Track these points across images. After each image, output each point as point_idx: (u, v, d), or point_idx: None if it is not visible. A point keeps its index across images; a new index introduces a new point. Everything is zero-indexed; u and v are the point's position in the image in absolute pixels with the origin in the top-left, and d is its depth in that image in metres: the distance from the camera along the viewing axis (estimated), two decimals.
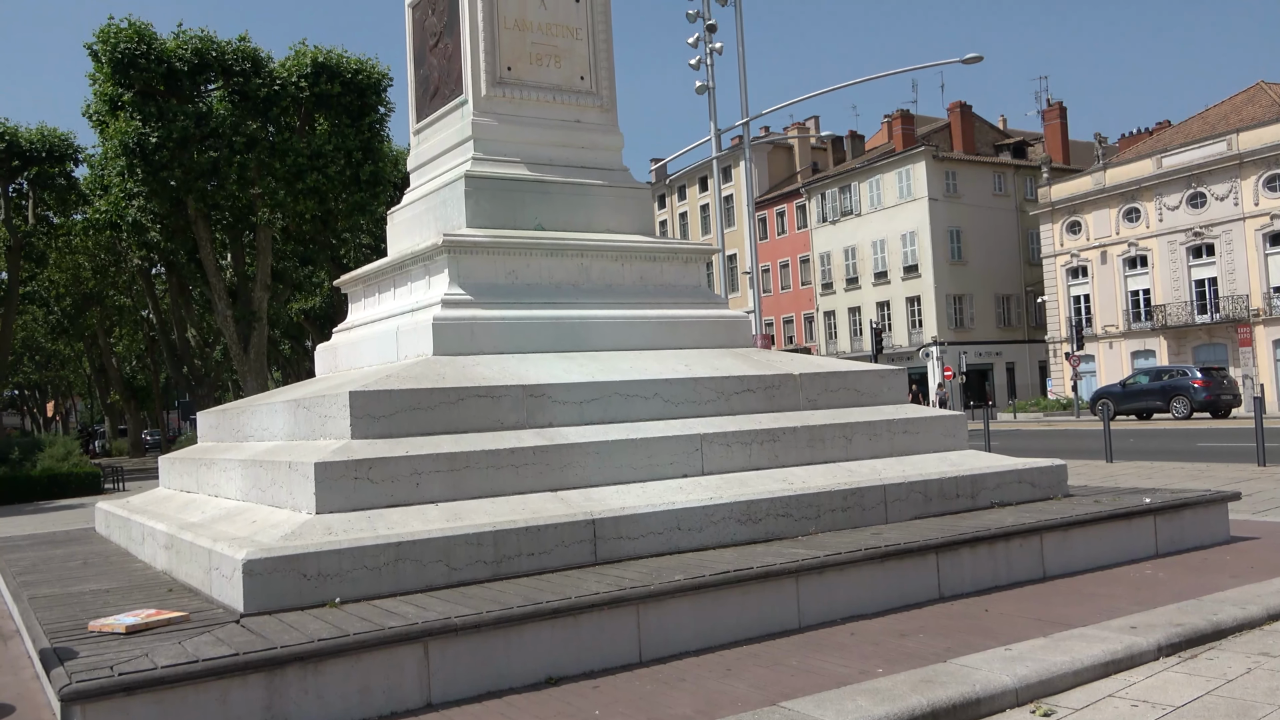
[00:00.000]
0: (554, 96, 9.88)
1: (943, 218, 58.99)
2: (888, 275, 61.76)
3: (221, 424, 10.13)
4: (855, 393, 9.31)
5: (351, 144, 31.07)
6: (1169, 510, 8.38)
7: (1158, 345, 49.99)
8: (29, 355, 65.51)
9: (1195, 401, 36.13)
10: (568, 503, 6.98)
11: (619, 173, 10.20)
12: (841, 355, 62.84)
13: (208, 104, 30.14)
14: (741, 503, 7.24)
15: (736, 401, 8.55)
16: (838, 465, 8.31)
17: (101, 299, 49.67)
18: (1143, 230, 50.24)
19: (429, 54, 10.34)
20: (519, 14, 9.72)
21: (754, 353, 9.83)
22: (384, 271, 10.00)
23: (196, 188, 29.98)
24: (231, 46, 30.19)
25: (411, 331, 8.75)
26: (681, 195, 76.69)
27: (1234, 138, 46.54)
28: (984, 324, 60.91)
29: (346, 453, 6.66)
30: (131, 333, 58.26)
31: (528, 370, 8.05)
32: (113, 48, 28.40)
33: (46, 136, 35.15)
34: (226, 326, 32.58)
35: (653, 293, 9.76)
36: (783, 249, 69.93)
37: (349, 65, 31.30)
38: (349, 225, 34.50)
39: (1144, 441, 24.27)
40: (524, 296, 9.02)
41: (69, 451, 28.32)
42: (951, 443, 9.19)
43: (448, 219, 9.36)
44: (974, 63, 27.66)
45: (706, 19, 28.45)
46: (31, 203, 36.98)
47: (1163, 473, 15.41)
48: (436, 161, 10.11)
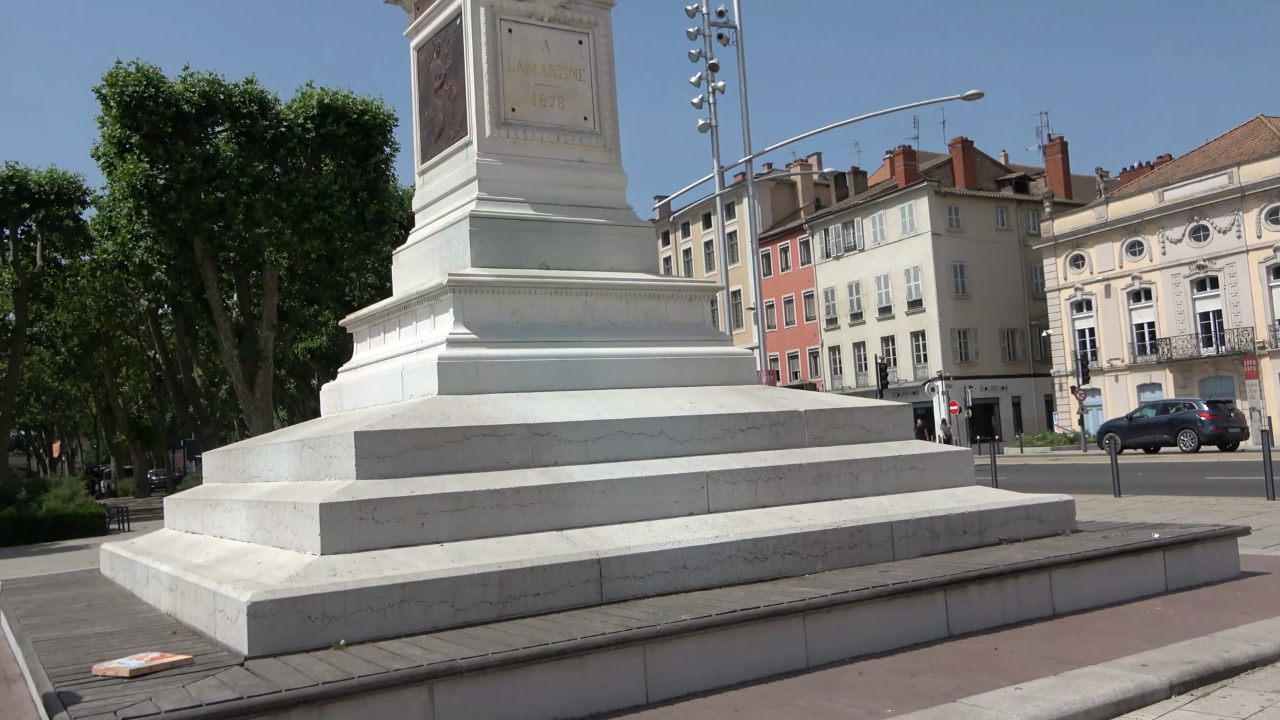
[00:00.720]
0: (558, 137, 9.96)
1: (946, 252, 59.14)
2: (892, 310, 61.82)
3: (227, 464, 10.13)
4: (861, 429, 9.29)
5: (357, 184, 31.29)
6: (1178, 546, 8.33)
7: (1164, 378, 49.88)
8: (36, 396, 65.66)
9: (1203, 434, 35.98)
10: (573, 542, 6.96)
11: (622, 211, 10.25)
12: (847, 391, 62.78)
13: (215, 145, 30.41)
14: (748, 541, 7.21)
15: (742, 439, 8.54)
16: (844, 502, 8.28)
17: (108, 339, 49.87)
18: (1146, 263, 50.31)
19: (434, 96, 10.44)
20: (523, 56, 9.82)
21: (759, 389, 9.83)
22: (389, 311, 10.04)
23: (203, 228, 30.18)
24: (239, 89, 30.50)
25: (417, 371, 8.77)
26: (685, 232, 77.02)
27: (1235, 171, 46.71)
28: (989, 358, 60.87)
29: (351, 493, 6.66)
30: (138, 372, 58.43)
31: (533, 409, 8.06)
32: (121, 91, 28.70)
33: (56, 179, 35.48)
34: (232, 366, 32.67)
35: (657, 330, 9.78)
36: (787, 285, 70.08)
37: (355, 106, 31.59)
38: (354, 264, 34.67)
39: (1152, 475, 24.15)
40: (529, 335, 9.04)
41: (74, 492, 28.30)
42: (958, 479, 9.15)
43: (453, 258, 9.41)
44: (974, 99, 27.84)
45: (709, 59, 28.71)
46: (40, 244, 37.23)
47: (1171, 507, 15.32)
48: (441, 202, 10.17)
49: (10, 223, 36.12)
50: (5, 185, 34.60)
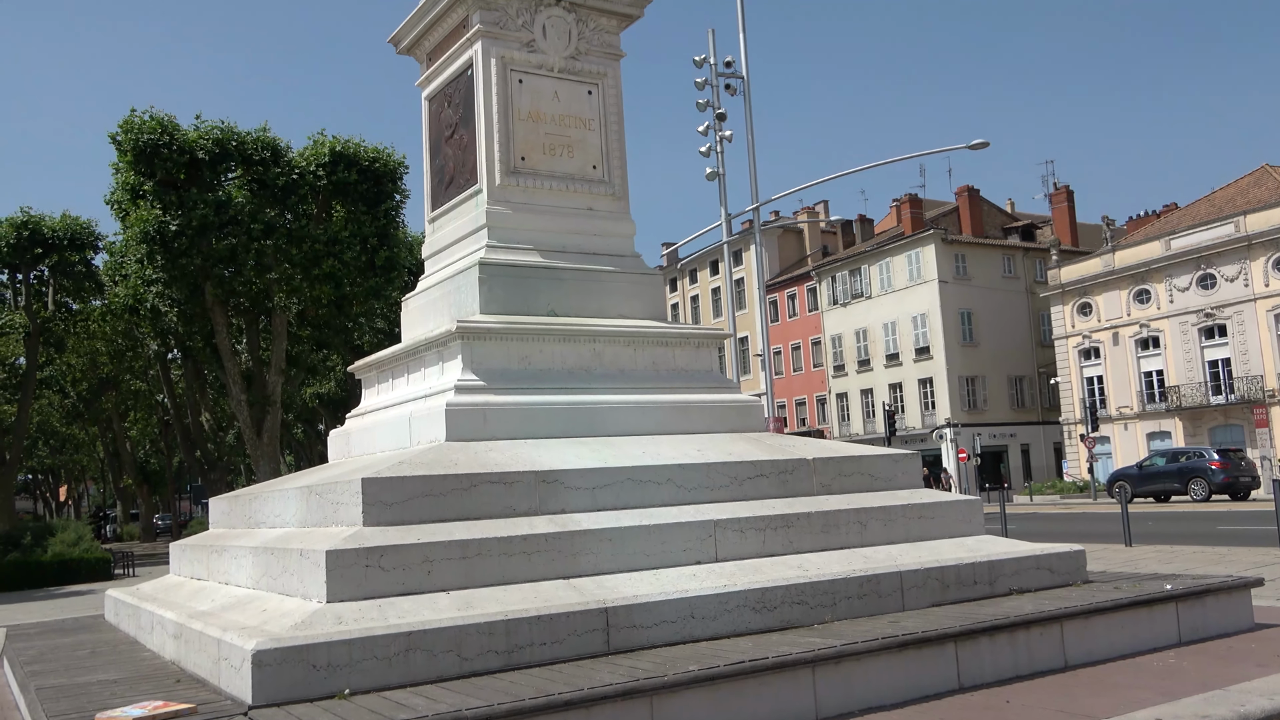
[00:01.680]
0: (567, 185, 10.04)
1: (953, 300, 59.22)
2: (899, 357, 61.80)
3: (233, 510, 10.11)
4: (869, 477, 9.26)
5: (367, 230, 31.54)
6: (1191, 597, 8.24)
7: (1173, 426, 49.66)
8: (44, 439, 65.76)
9: (1213, 483, 35.73)
10: (580, 591, 6.92)
11: (631, 259, 10.30)
12: (854, 437, 62.59)
13: (227, 192, 30.71)
14: (756, 590, 7.16)
15: (750, 487, 8.51)
16: (853, 551, 8.22)
17: (117, 383, 50.02)
18: (1154, 311, 50.30)
19: (445, 144, 10.56)
20: (533, 106, 9.94)
21: (767, 437, 9.81)
22: (398, 357, 10.07)
23: (214, 274, 30.39)
24: (252, 136, 30.86)
25: (425, 417, 8.78)
26: (693, 279, 77.30)
27: (1241, 220, 46.85)
28: (997, 405, 60.70)
29: (358, 540, 6.64)
30: (146, 417, 58.54)
31: (540, 456, 8.05)
32: (136, 138, 29.04)
33: (69, 224, 35.82)
34: (240, 411, 32.72)
35: (665, 378, 9.78)
36: (794, 331, 70.16)
37: (366, 154, 31.93)
38: (364, 310, 34.84)
39: (1163, 525, 23.96)
40: (537, 382, 9.06)
41: (80, 536, 28.26)
42: (968, 528, 9.09)
43: (462, 305, 9.45)
44: (980, 148, 28.02)
45: (716, 108, 28.99)
46: (52, 289, 37.50)
47: (1183, 557, 15.18)
48: (451, 249, 10.24)
49: (24, 268, 36.42)
50: (20, 231, 34.94)
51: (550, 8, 10.08)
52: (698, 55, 29.01)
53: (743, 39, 29.33)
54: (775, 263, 72.23)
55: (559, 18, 10.12)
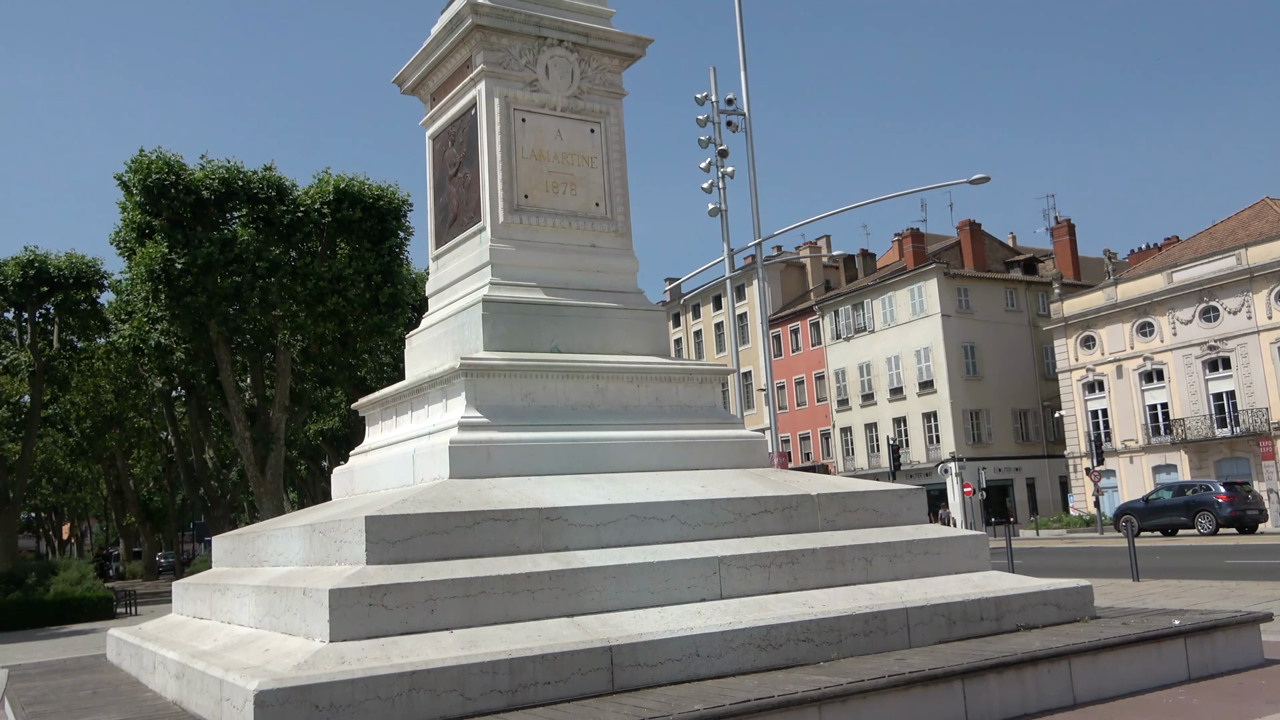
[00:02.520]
0: (570, 222, 10.10)
1: (956, 333, 59.24)
2: (903, 391, 61.73)
3: (237, 548, 10.09)
4: (874, 513, 9.22)
5: (371, 267, 31.66)
6: (1200, 632, 8.18)
7: (1179, 459, 49.48)
8: (47, 478, 65.68)
9: (1220, 517, 35.54)
10: (584, 629, 6.88)
11: (634, 295, 10.34)
12: (859, 472, 62.38)
13: (232, 230, 30.87)
14: (761, 628, 7.11)
15: (754, 523, 8.48)
16: (858, 588, 8.18)
17: (121, 421, 50.02)
18: (1157, 344, 50.28)
19: (449, 183, 10.63)
20: (536, 145, 10.02)
21: (771, 473, 9.79)
22: (401, 395, 10.08)
23: (219, 311, 30.49)
24: (257, 175, 31.07)
25: (428, 454, 8.77)
26: (696, 314, 77.44)
27: (1243, 252, 46.94)
28: (1002, 439, 60.54)
29: (361, 579, 6.61)
30: (150, 454, 58.49)
31: (544, 493, 8.03)
32: (143, 178, 29.25)
33: (75, 263, 36.00)
34: (244, 448, 32.69)
35: (669, 413, 9.78)
36: (798, 366, 70.16)
37: (370, 191, 32.11)
38: (368, 346, 34.90)
39: (1170, 559, 23.81)
40: (540, 418, 9.06)
41: (83, 575, 28.16)
42: (974, 563, 9.05)
43: (465, 342, 9.48)
44: (981, 183, 28.15)
45: (718, 145, 29.18)
46: (57, 327, 37.62)
47: (1191, 592, 15.07)
48: (454, 286, 10.28)
49: (29, 306, 36.56)
50: (25, 269, 35.11)
51: (553, 48, 10.19)
52: (699, 93, 29.24)
53: (744, 76, 29.57)
54: (778, 297, 72.37)
55: (562, 58, 10.23)
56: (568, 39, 10.24)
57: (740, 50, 29.88)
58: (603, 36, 10.44)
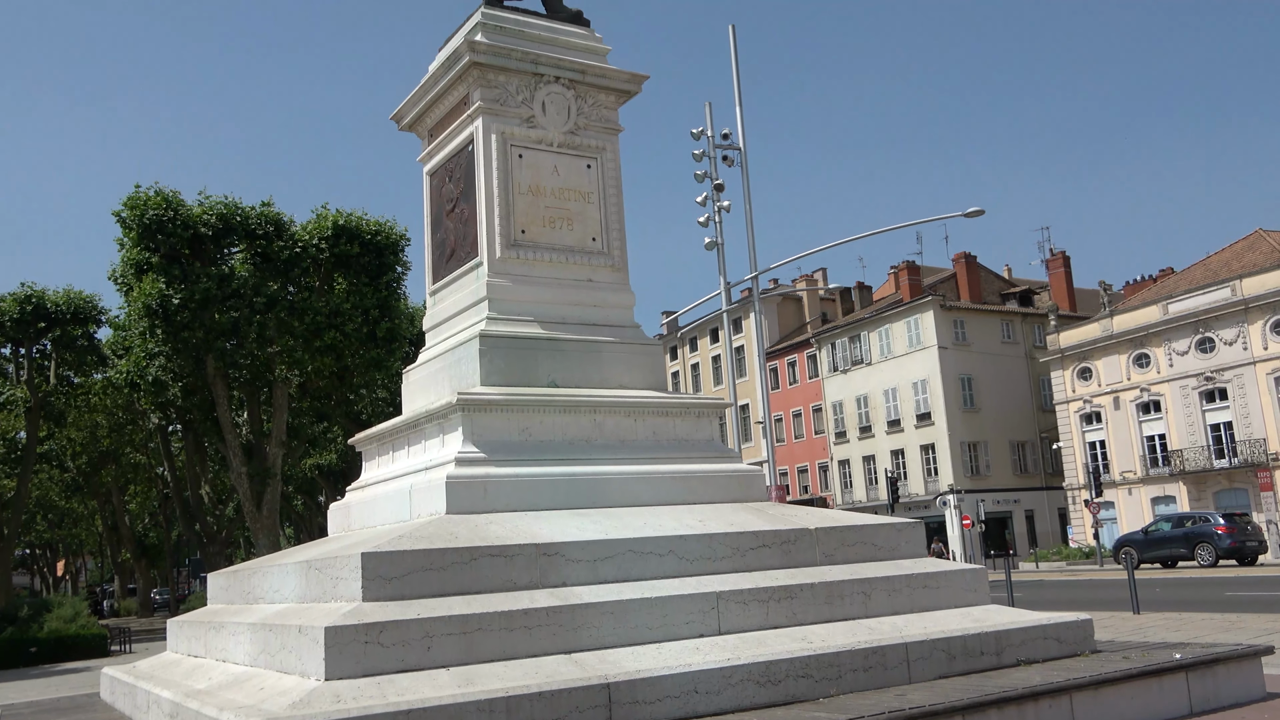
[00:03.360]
0: (566, 257, 10.13)
1: (953, 365, 59.31)
2: (901, 423, 61.70)
3: (232, 585, 10.03)
4: (873, 547, 9.19)
5: (369, 302, 31.69)
6: (1201, 666, 8.14)
7: (1177, 491, 49.39)
8: (43, 514, 65.37)
9: (1220, 548, 35.43)
10: (582, 666, 6.83)
11: (630, 329, 10.35)
12: (857, 505, 62.22)
13: (230, 266, 30.92)
14: (760, 664, 7.07)
15: (752, 557, 8.45)
16: (858, 623, 8.14)
17: (117, 457, 49.86)
18: (1154, 375, 50.34)
19: (446, 218, 10.67)
20: (533, 180, 10.07)
21: (769, 507, 9.76)
22: (398, 430, 10.07)
23: (216, 347, 30.47)
24: (255, 211, 31.15)
25: (425, 490, 8.75)
26: (693, 347, 77.52)
27: (1237, 283, 47.12)
28: (1000, 471, 60.45)
29: (357, 616, 6.58)
30: (145, 490, 58.25)
31: (541, 528, 8.00)
32: (140, 214, 29.31)
33: (72, 299, 36.01)
34: (240, 483, 32.57)
35: (666, 448, 9.77)
36: (795, 398, 70.15)
37: (368, 227, 32.21)
38: (365, 381, 34.85)
39: (1170, 591, 23.71)
40: (537, 453, 9.04)
41: (77, 613, 27.95)
42: (974, 597, 9.01)
43: (462, 377, 9.48)
44: (975, 216, 28.30)
45: (714, 179, 29.35)
46: (54, 363, 37.58)
47: (1192, 624, 15.00)
48: (452, 321, 10.30)
49: (26, 342, 36.54)
50: (23, 305, 35.12)
51: (550, 85, 10.27)
52: (695, 128, 29.46)
53: (739, 111, 29.80)
54: (775, 330, 72.49)
55: (558, 94, 10.31)
56: (564, 76, 10.33)
57: (735, 85, 30.14)
58: (599, 74, 10.53)
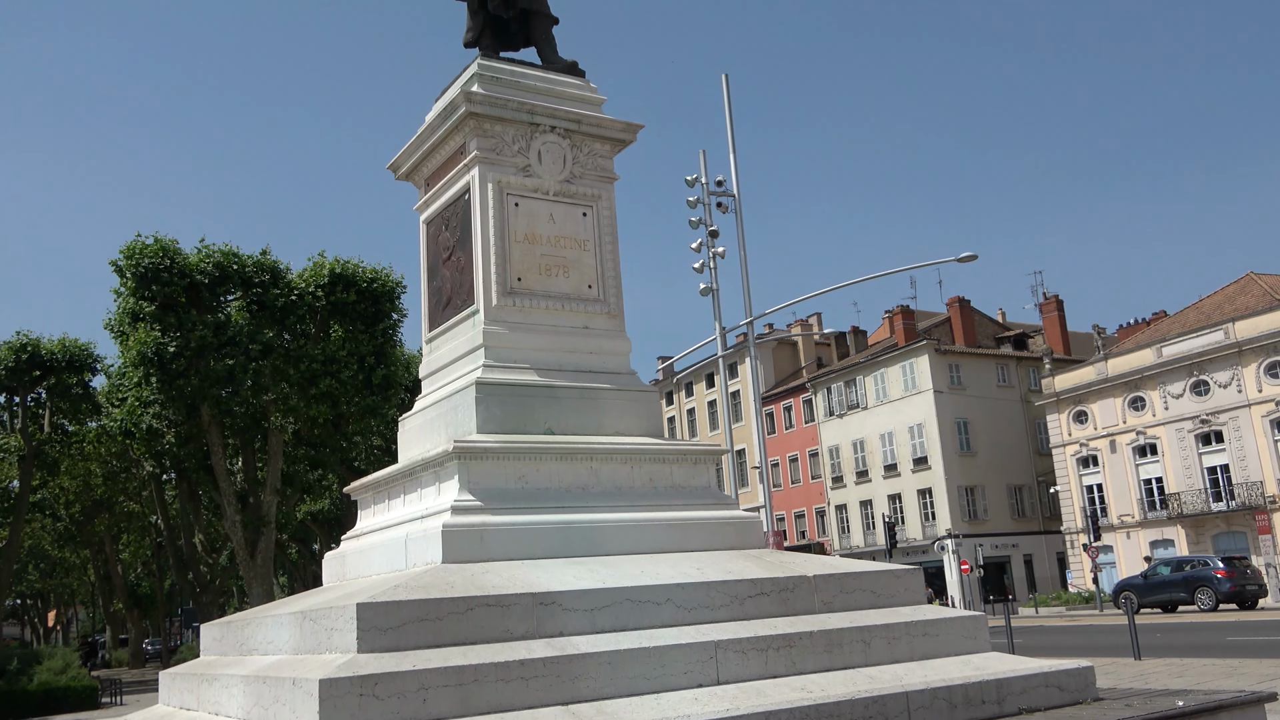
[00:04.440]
0: (563, 304, 10.16)
1: (949, 409, 59.34)
2: (898, 468, 61.60)
3: (225, 636, 9.93)
4: (872, 594, 9.13)
5: (365, 349, 31.70)
6: (1204, 714, 8.07)
7: (1176, 534, 49.25)
8: (34, 563, 64.82)
9: (1220, 592, 35.28)
10: (579, 717, 6.76)
11: (627, 376, 10.36)
12: (855, 550, 61.94)
13: (226, 313, 30.95)
14: (759, 714, 6.99)
15: (751, 605, 8.39)
16: (857, 671, 8.07)
17: (110, 505, 49.56)
18: (1149, 419, 50.39)
19: (442, 266, 10.72)
20: (529, 229, 10.13)
21: (767, 554, 9.71)
22: (394, 478, 10.03)
23: (211, 394, 30.41)
24: (252, 259, 31.24)
25: (421, 539, 8.70)
26: (689, 392, 77.55)
27: (1230, 326, 47.34)
28: (998, 515, 60.26)
29: (352, 668, 6.51)
30: (138, 539, 57.84)
31: (538, 577, 7.95)
32: (138, 263, 29.38)
33: (68, 347, 36.00)
34: (235, 532, 32.37)
35: (663, 494, 9.74)
36: (791, 443, 70.05)
37: (364, 274, 32.31)
38: (360, 428, 34.76)
39: (1171, 636, 23.55)
40: (534, 501, 9.01)
41: (68, 664, 27.63)
42: (974, 644, 8.94)
43: (458, 425, 9.46)
44: (969, 261, 28.49)
45: (709, 225, 29.54)
46: (48, 411, 37.48)
47: (1194, 670, 14.89)
48: (448, 369, 10.30)
49: (21, 390, 36.47)
50: (19, 353, 35.11)
51: (545, 134, 10.36)
52: (690, 175, 29.70)
53: (733, 159, 30.07)
54: (770, 375, 72.57)
55: (554, 144, 10.40)
56: (560, 125, 10.43)
57: (729, 133, 30.44)
58: (594, 123, 10.62)
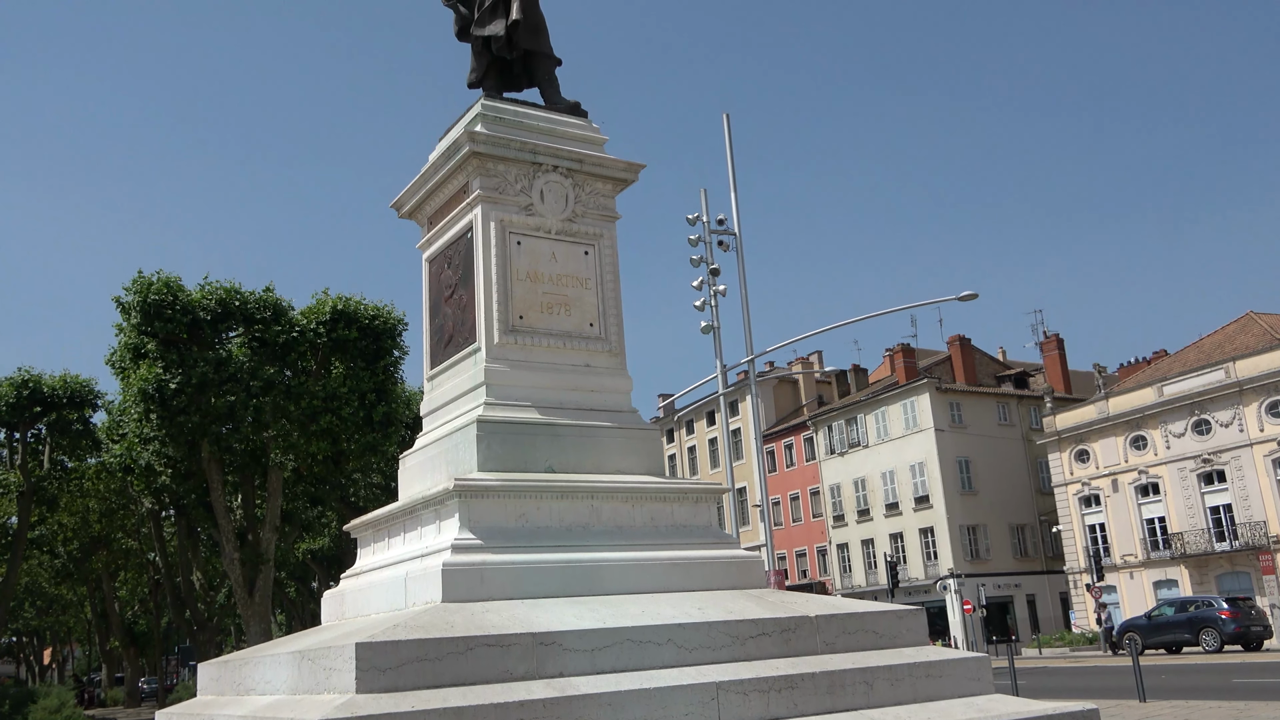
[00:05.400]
0: (564, 342, 10.18)
1: (950, 448, 59.22)
2: (899, 506, 61.37)
3: (223, 676, 9.85)
4: (874, 635, 9.07)
5: (366, 386, 31.68)
6: None
7: (1179, 574, 48.97)
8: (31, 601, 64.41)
9: (1225, 634, 35.01)
10: None
11: (628, 414, 10.35)
12: (857, 590, 61.55)
13: (228, 350, 30.99)
14: None
15: (752, 646, 8.33)
16: (860, 713, 8.00)
17: (109, 542, 49.32)
18: (1151, 458, 50.28)
19: (444, 304, 10.75)
20: (531, 267, 10.18)
21: (768, 594, 9.66)
22: (394, 516, 10.00)
23: (211, 431, 30.37)
24: (255, 296, 31.32)
25: (420, 577, 8.66)
26: (690, 430, 77.43)
27: (1231, 366, 47.36)
28: (1000, 555, 59.94)
29: (350, 709, 6.45)
30: (136, 576, 57.51)
31: (538, 617, 7.91)
32: (141, 299, 29.46)
33: (69, 383, 36.01)
34: (233, 569, 32.20)
35: (664, 533, 9.70)
36: (792, 481, 69.84)
37: (366, 311, 32.37)
38: (360, 465, 34.66)
39: (1176, 678, 23.34)
40: (534, 540, 8.97)
41: (62, 703, 27.42)
42: (977, 686, 8.87)
43: (459, 463, 9.45)
44: (969, 300, 28.56)
45: (710, 264, 29.64)
46: (48, 448, 37.41)
47: (1200, 713, 14.74)
48: (449, 407, 10.30)
49: (21, 426, 36.43)
50: (19, 390, 35.11)
51: (548, 173, 10.44)
52: (691, 213, 29.84)
53: (734, 197, 30.23)
54: (771, 413, 72.50)
55: (556, 183, 10.47)
56: (562, 165, 10.51)
57: (730, 172, 30.63)
58: (596, 163, 10.70)
